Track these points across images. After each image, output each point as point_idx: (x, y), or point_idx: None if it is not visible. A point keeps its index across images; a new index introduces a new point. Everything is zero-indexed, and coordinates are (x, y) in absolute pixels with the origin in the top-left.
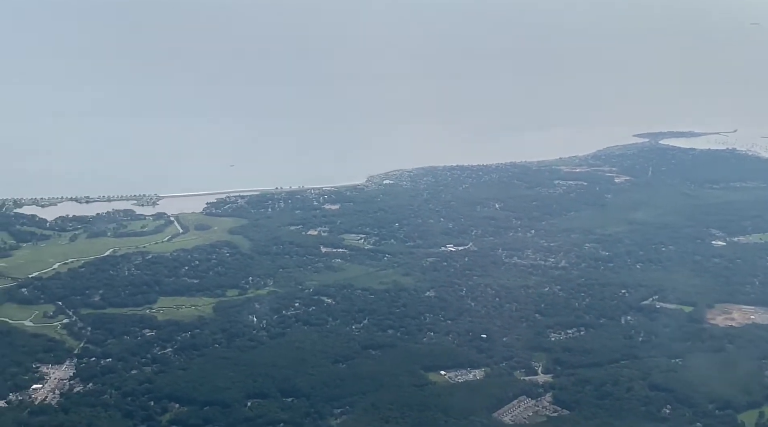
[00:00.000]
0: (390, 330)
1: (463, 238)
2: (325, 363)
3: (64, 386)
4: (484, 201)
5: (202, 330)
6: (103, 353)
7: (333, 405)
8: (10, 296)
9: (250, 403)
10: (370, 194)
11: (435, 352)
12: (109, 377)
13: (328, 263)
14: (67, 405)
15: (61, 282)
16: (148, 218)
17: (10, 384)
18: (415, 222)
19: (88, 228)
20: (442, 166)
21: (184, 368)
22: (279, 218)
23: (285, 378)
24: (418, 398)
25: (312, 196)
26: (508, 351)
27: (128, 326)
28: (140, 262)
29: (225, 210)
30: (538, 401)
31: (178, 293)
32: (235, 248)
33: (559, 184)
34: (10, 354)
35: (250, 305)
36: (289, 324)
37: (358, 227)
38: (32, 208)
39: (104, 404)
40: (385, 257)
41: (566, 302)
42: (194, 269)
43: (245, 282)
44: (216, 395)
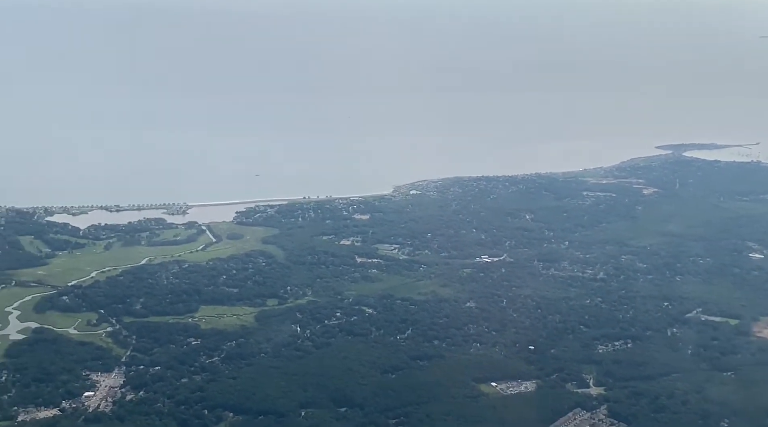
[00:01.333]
0: (435, 341)
1: (497, 249)
2: (374, 373)
3: (115, 394)
4: (514, 212)
5: (246, 339)
6: (151, 361)
7: (387, 415)
8: (52, 304)
9: (304, 412)
10: (398, 204)
11: (484, 363)
12: (159, 386)
13: (365, 273)
14: (122, 413)
15: (101, 290)
16: (180, 226)
17: (62, 391)
18: (447, 233)
19: (122, 237)
20: (467, 177)
21: (234, 377)
22: (310, 228)
23: (336, 388)
24: (472, 409)
25: (341, 206)
26: (557, 363)
27: (173, 335)
28: (177, 271)
29: (255, 219)
30: (593, 413)
31: (218, 302)
32: (270, 257)
33: (588, 196)
34: (59, 362)
35: (291, 314)
36: (333, 334)
37: (391, 237)
38: (63, 216)
39: (158, 412)
40: (421, 267)
41: (610, 314)
42: (232, 278)
43: (284, 292)
44: (269, 405)
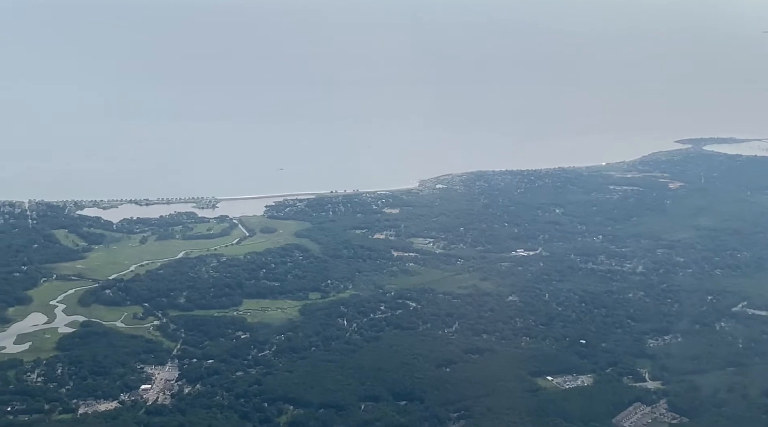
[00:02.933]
0: (484, 335)
1: (532, 243)
2: (429, 367)
3: (172, 387)
4: (543, 206)
5: (295, 333)
6: (203, 354)
7: (448, 409)
8: (96, 298)
9: (364, 406)
10: (427, 198)
11: (537, 357)
12: (215, 379)
13: (403, 266)
14: (182, 406)
15: (143, 284)
16: (212, 220)
17: (119, 384)
18: (480, 227)
19: (156, 230)
20: (491, 171)
21: (290, 370)
22: (342, 222)
23: (394, 381)
24: (533, 403)
25: (369, 199)
26: (610, 357)
27: (221, 328)
28: (216, 264)
29: (286, 213)
30: (653, 407)
31: (261, 295)
32: (306, 251)
33: (615, 190)
34: (113, 355)
35: (336, 308)
36: (381, 328)
37: (424, 231)
38: (93, 210)
39: (218, 405)
40: (458, 261)
41: (655, 308)
42: (271, 271)
43: (325, 285)
44: (328, 398)
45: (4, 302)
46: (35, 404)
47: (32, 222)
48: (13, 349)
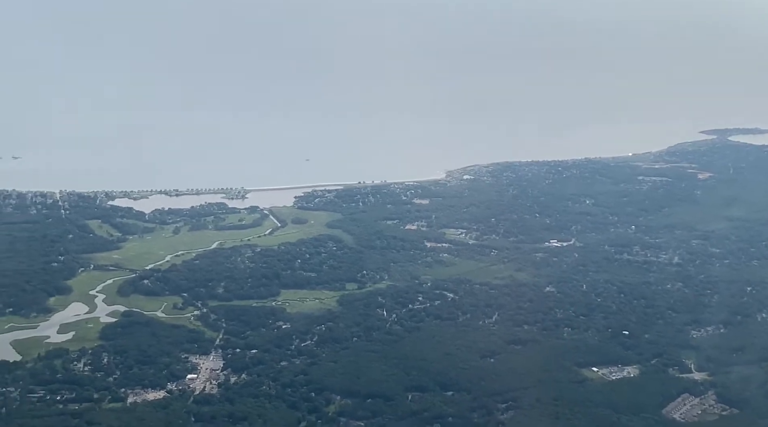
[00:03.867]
0: (525, 325)
1: (564, 234)
2: (473, 358)
3: (218, 377)
4: (573, 197)
5: (335, 323)
6: (246, 344)
7: (496, 400)
8: (135, 288)
9: (411, 396)
10: (455, 189)
11: (581, 348)
12: (260, 369)
13: (437, 257)
14: (230, 396)
15: (180, 274)
16: (243, 211)
17: (166, 373)
18: (511, 217)
19: (188, 221)
20: (517, 162)
21: (334, 360)
22: (373, 212)
23: (439, 372)
24: (580, 394)
25: (398, 190)
26: (654, 348)
27: (261, 318)
28: (251, 255)
29: (316, 204)
30: (702, 399)
31: (298, 286)
32: (339, 241)
33: (644, 181)
34: (156, 344)
35: (373, 298)
36: (421, 318)
37: (455, 221)
38: (124, 200)
39: (266, 394)
40: (492, 252)
41: (695, 299)
42: (307, 262)
43: (361, 276)
44: (375, 388)
45: (45, 291)
46: (84, 393)
47: (65, 212)
48: (57, 338)
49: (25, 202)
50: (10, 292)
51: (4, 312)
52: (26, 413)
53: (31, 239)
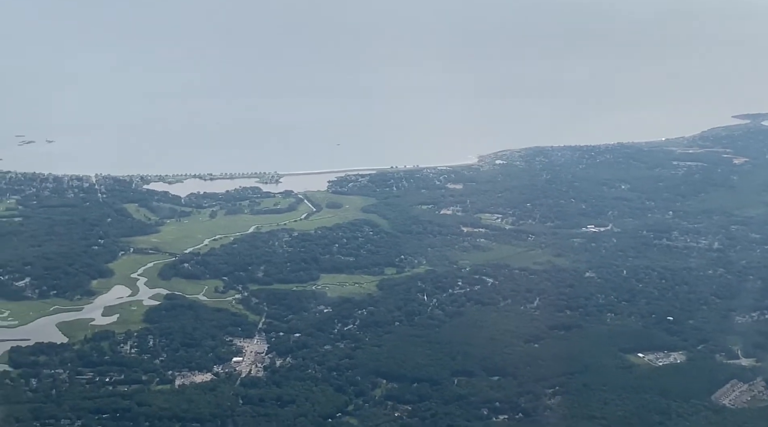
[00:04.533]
0: (567, 311)
1: (601, 219)
2: (517, 343)
3: (263, 360)
4: (609, 182)
5: (377, 308)
6: (289, 328)
7: (543, 385)
8: (176, 271)
9: (457, 380)
10: (488, 174)
11: (626, 334)
12: (305, 352)
13: (474, 242)
14: (276, 379)
15: (220, 258)
16: (277, 195)
17: (211, 356)
18: (546, 202)
19: (224, 205)
20: (550, 147)
21: (378, 345)
22: (407, 197)
23: (484, 357)
24: (628, 380)
25: (431, 175)
26: (700, 334)
27: (302, 302)
28: (289, 239)
29: (350, 189)
30: (751, 385)
31: (337, 270)
32: (375, 226)
33: (679, 165)
34: (201, 327)
35: (413, 283)
36: (462, 303)
37: (491, 206)
38: (159, 184)
39: (312, 378)
40: (529, 237)
41: (738, 284)
42: (344, 246)
43: (399, 260)
44: (421, 372)
45: (87, 274)
46: (132, 375)
47: (102, 196)
48: (102, 321)
49: (62, 185)
50: (53, 275)
51: (48, 294)
52: (77, 395)
53: (70, 222)
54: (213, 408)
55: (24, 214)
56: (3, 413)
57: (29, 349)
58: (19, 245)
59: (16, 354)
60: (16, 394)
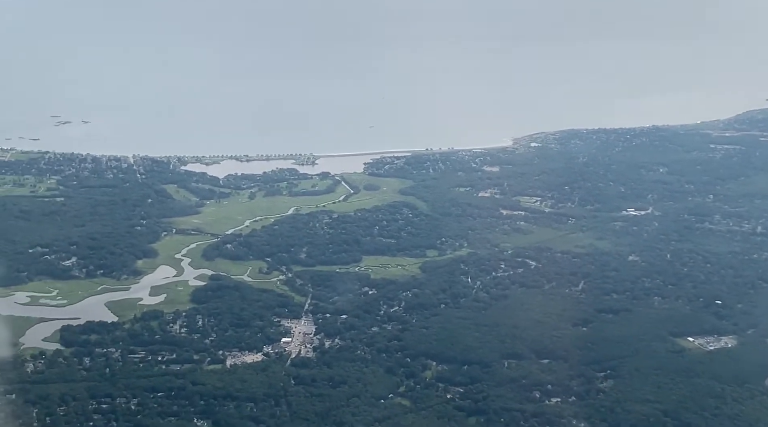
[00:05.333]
0: (614, 294)
1: (641, 202)
2: (565, 326)
3: (312, 341)
4: (646, 165)
5: (421, 290)
6: (335, 309)
7: (594, 368)
8: (219, 252)
9: (507, 363)
10: (524, 157)
11: (675, 317)
12: (353, 334)
13: (514, 225)
14: (327, 359)
15: (261, 239)
16: (315, 177)
17: (261, 336)
18: (584, 185)
19: (262, 186)
20: (584, 130)
21: (425, 327)
22: (444, 180)
23: (533, 340)
24: (680, 364)
25: (466, 157)
26: (749, 318)
27: (347, 284)
28: (329, 221)
29: (386, 171)
30: None
31: (379, 252)
32: (414, 208)
33: (716, 149)
34: (248, 308)
35: (456, 265)
36: (506, 286)
37: (529, 189)
38: (197, 166)
39: (361, 359)
40: (570, 220)
41: None
42: (385, 228)
43: (440, 243)
44: (471, 355)
45: (132, 254)
46: (184, 355)
47: (141, 177)
48: (149, 300)
49: (100, 166)
50: (99, 254)
51: (95, 274)
52: (130, 373)
53: (112, 202)
54: (266, 388)
55: (65, 194)
56: (59, 391)
57: (80, 328)
58: (63, 225)
59: (68, 333)
60: (71, 372)
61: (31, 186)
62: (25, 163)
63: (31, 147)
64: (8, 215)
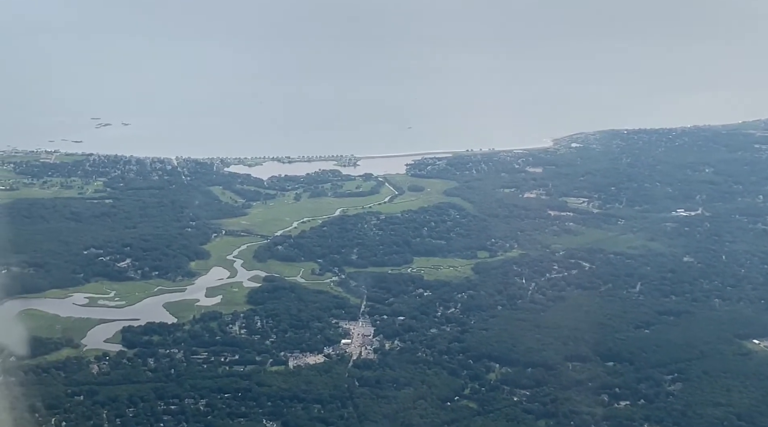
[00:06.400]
0: (672, 296)
1: (690, 203)
2: (626, 328)
3: (371, 343)
4: (692, 165)
5: (476, 291)
6: (392, 311)
7: (661, 371)
8: (271, 253)
9: (571, 366)
10: (566, 157)
11: (738, 320)
12: (412, 335)
13: (563, 226)
14: (388, 361)
15: (312, 240)
16: (358, 178)
17: (321, 338)
18: (631, 186)
19: (307, 188)
20: (625, 130)
21: (485, 328)
22: (489, 181)
23: (596, 342)
24: (749, 367)
25: (508, 158)
26: None
27: (401, 285)
28: (377, 222)
29: (429, 172)
30: None
31: (429, 253)
32: (461, 209)
33: (762, 149)
34: (305, 309)
35: (508, 267)
36: (562, 288)
37: (574, 190)
38: (239, 167)
39: (423, 361)
40: (619, 221)
41: None
42: (433, 230)
43: (491, 244)
44: (533, 357)
45: (185, 255)
46: (246, 356)
47: (186, 179)
48: (206, 302)
49: (145, 168)
50: (153, 256)
51: (150, 275)
52: (196, 374)
53: (160, 204)
54: (331, 389)
55: (113, 196)
56: (126, 392)
57: (141, 329)
58: (115, 226)
59: (129, 334)
60: (136, 374)
61: (78, 188)
62: (71, 165)
63: (74, 149)
64: (60, 217)
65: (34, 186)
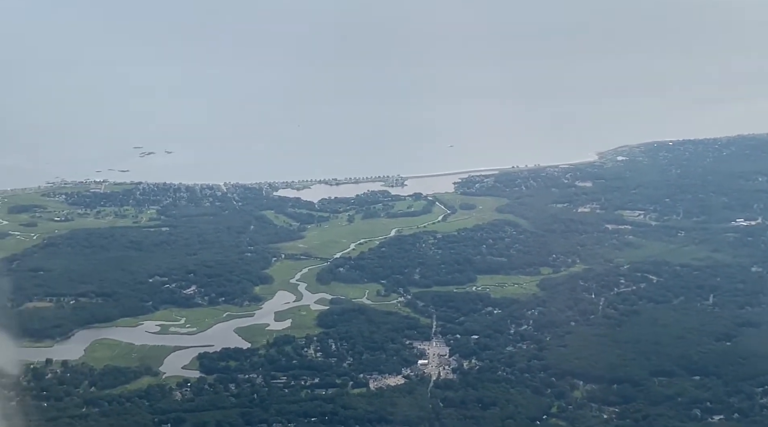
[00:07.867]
0: (747, 307)
1: (749, 212)
2: (707, 341)
3: (449, 362)
4: (744, 174)
5: (546, 308)
6: (464, 330)
7: (750, 384)
8: (333, 276)
9: (657, 381)
10: (614, 171)
11: None
12: (489, 354)
13: (623, 239)
14: (469, 380)
15: (372, 261)
16: (408, 198)
17: (397, 359)
18: (685, 197)
19: (359, 209)
20: (669, 142)
21: (563, 345)
22: (540, 196)
23: (680, 356)
24: None
25: (556, 173)
26: None
27: (469, 304)
28: (434, 241)
29: (478, 189)
30: None
31: (492, 271)
32: (517, 226)
33: None
34: (377, 331)
35: (574, 282)
36: (633, 302)
37: (629, 203)
38: (287, 191)
39: (506, 380)
40: (679, 233)
41: None
42: (492, 247)
43: (552, 260)
44: (617, 373)
45: (249, 280)
46: (326, 379)
47: (237, 204)
48: (276, 326)
49: (195, 195)
50: (218, 281)
51: (217, 301)
52: (279, 399)
53: (216, 230)
54: (417, 411)
55: (168, 223)
56: (213, 418)
57: (216, 355)
58: (176, 254)
59: (206, 360)
60: (220, 399)
61: (132, 217)
62: (121, 194)
63: (122, 178)
64: (119, 246)
65: (88, 216)
